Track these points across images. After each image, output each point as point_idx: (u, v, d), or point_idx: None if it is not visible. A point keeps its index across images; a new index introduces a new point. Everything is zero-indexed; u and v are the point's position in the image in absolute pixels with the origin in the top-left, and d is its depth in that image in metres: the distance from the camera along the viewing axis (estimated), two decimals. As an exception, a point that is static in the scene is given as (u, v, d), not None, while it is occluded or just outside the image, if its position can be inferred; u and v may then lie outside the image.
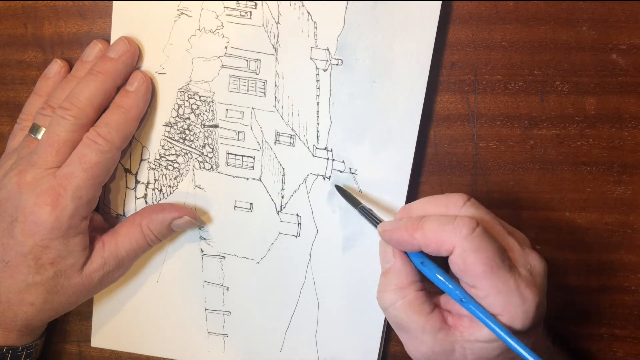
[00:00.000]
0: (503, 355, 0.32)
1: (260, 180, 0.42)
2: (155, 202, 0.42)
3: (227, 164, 0.42)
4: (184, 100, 0.41)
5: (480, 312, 0.31)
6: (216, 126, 0.41)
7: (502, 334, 0.30)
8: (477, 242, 0.31)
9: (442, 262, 0.33)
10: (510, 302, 0.31)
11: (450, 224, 0.31)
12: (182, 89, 0.41)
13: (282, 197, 0.42)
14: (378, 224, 0.35)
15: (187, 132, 0.41)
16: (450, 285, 0.32)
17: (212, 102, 0.41)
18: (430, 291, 0.34)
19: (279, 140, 0.41)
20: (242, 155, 0.42)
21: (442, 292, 0.34)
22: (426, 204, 0.34)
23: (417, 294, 0.33)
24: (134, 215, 0.41)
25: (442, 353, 0.33)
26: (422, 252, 0.33)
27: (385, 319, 0.43)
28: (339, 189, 0.41)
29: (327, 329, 0.43)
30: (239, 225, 0.42)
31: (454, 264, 0.32)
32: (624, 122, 0.40)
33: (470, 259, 0.31)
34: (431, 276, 0.33)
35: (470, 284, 0.32)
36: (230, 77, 0.40)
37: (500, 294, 0.31)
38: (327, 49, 0.40)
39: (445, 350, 0.32)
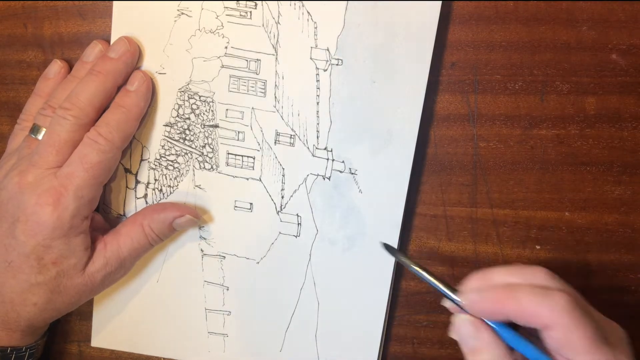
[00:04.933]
0: None
1: (260, 180, 0.42)
2: (155, 202, 0.42)
3: (227, 164, 0.42)
4: (184, 100, 0.41)
5: None
6: (216, 126, 0.41)
7: None
8: (578, 318, 0.30)
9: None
10: None
11: (547, 296, 0.30)
12: (182, 89, 0.41)
13: (282, 197, 0.42)
14: (455, 293, 0.33)
15: (187, 132, 0.41)
16: (539, 355, 0.31)
17: (212, 102, 0.41)
18: None
19: (279, 140, 0.41)
20: (242, 155, 0.42)
21: None
22: (508, 274, 0.33)
23: None
24: (135, 215, 0.41)
25: None
26: (506, 324, 0.32)
27: (385, 319, 0.43)
28: (391, 248, 0.37)
29: (327, 329, 0.43)
30: (239, 225, 0.42)
31: (553, 338, 0.30)
32: (624, 122, 0.40)
33: (573, 335, 0.30)
34: (521, 348, 0.32)
35: (567, 358, 0.30)
36: (230, 77, 0.40)
37: None
38: (327, 49, 0.40)
39: None
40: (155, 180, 0.42)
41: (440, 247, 0.43)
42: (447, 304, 0.34)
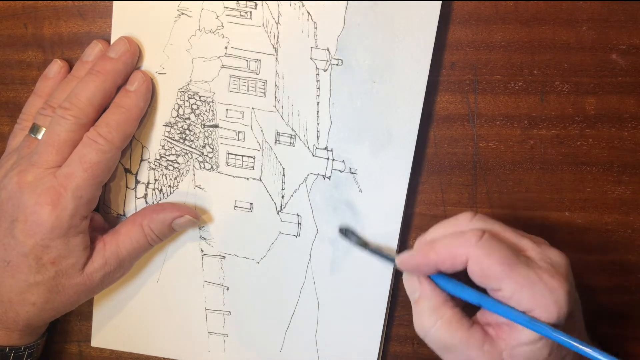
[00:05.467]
0: (554, 354, 0.32)
1: (260, 180, 0.42)
2: (155, 202, 0.42)
3: (227, 164, 0.42)
4: (184, 100, 0.41)
5: (510, 312, 0.31)
6: (216, 126, 0.41)
7: (540, 327, 0.30)
8: (487, 246, 0.32)
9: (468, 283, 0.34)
10: (537, 294, 0.31)
11: (459, 237, 0.33)
12: (182, 89, 0.41)
13: (282, 197, 0.42)
14: (394, 259, 0.36)
15: (187, 132, 0.41)
16: (475, 294, 0.33)
17: (212, 102, 0.41)
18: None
19: (279, 140, 0.41)
20: (242, 155, 0.42)
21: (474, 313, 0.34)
22: (437, 229, 0.35)
23: (453, 311, 0.34)
24: (135, 215, 0.41)
25: None
26: (442, 273, 0.34)
27: (385, 319, 0.43)
28: (344, 232, 0.40)
29: (327, 329, 0.43)
30: (239, 225, 0.42)
31: (473, 273, 0.32)
32: (624, 122, 0.40)
33: (485, 262, 0.31)
34: (458, 292, 0.34)
35: (494, 288, 0.32)
36: (230, 77, 0.40)
37: (524, 288, 0.31)
38: (327, 49, 0.40)
39: None
40: (155, 180, 0.42)
41: (440, 247, 0.43)
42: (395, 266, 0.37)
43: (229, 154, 0.42)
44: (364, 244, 0.39)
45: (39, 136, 0.39)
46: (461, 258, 0.32)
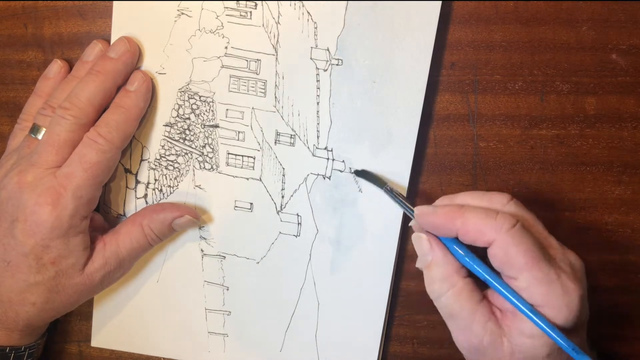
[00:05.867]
0: (553, 357, 0.32)
1: (260, 180, 0.42)
2: (155, 202, 0.42)
3: (227, 164, 0.42)
4: (184, 100, 0.41)
5: (518, 301, 0.32)
6: (216, 126, 0.41)
7: (541, 323, 0.31)
8: (518, 236, 0.32)
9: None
10: (552, 293, 0.31)
11: (492, 217, 0.32)
12: (182, 89, 0.41)
13: (282, 197, 0.42)
14: (412, 210, 0.35)
15: (187, 132, 0.41)
16: (487, 274, 0.33)
17: (212, 102, 0.41)
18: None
19: (279, 140, 0.41)
20: (242, 155, 0.42)
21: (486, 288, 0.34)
22: (469, 197, 0.35)
23: (465, 281, 0.34)
24: (135, 215, 0.41)
25: (491, 345, 0.33)
26: (457, 239, 0.34)
27: (386, 319, 0.43)
28: (360, 173, 0.40)
29: (327, 329, 0.43)
30: (239, 225, 0.42)
31: (495, 256, 0.32)
32: (624, 122, 0.40)
33: (511, 251, 0.31)
34: (470, 264, 0.34)
35: (511, 276, 0.32)
36: (230, 77, 0.40)
37: (541, 285, 0.31)
38: (327, 49, 0.40)
39: (494, 342, 0.33)
40: (155, 180, 0.42)
41: (440, 247, 0.43)
42: (412, 223, 0.36)
43: (229, 154, 0.42)
44: (381, 183, 0.39)
45: (39, 136, 0.39)
46: (487, 238, 0.32)
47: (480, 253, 0.34)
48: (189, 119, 0.41)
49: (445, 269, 0.34)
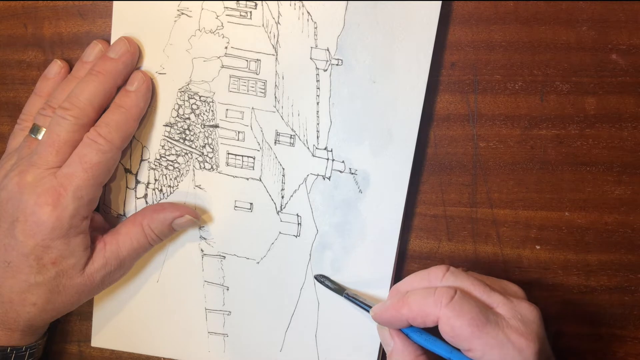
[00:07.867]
0: None
1: (260, 180, 0.42)
2: (155, 202, 0.42)
3: (227, 164, 0.42)
4: (184, 100, 0.41)
5: None
6: (216, 126, 0.41)
7: None
8: (458, 307, 0.32)
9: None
10: (506, 355, 0.32)
11: (431, 295, 0.33)
12: (182, 89, 0.41)
13: (282, 197, 0.42)
14: (369, 309, 0.38)
15: (187, 132, 0.41)
16: (447, 352, 0.34)
17: (212, 102, 0.41)
18: None
19: (279, 140, 0.41)
20: (242, 155, 0.42)
21: None
22: (412, 281, 0.36)
23: None
24: (135, 215, 0.41)
25: None
26: (413, 327, 0.35)
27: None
28: (320, 278, 0.42)
29: (327, 329, 0.43)
30: (239, 225, 0.42)
31: (444, 332, 0.33)
32: (624, 122, 0.40)
33: (456, 323, 0.32)
34: (430, 346, 0.35)
35: (465, 349, 0.33)
36: (230, 77, 0.40)
37: (494, 349, 0.32)
38: (327, 49, 0.40)
39: None
40: (155, 180, 0.42)
41: (440, 247, 0.43)
42: (371, 314, 0.38)
43: (229, 154, 0.42)
44: (339, 290, 0.41)
45: (39, 136, 0.39)
46: (432, 317, 0.33)
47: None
48: (189, 119, 0.41)
49: (404, 356, 0.35)
